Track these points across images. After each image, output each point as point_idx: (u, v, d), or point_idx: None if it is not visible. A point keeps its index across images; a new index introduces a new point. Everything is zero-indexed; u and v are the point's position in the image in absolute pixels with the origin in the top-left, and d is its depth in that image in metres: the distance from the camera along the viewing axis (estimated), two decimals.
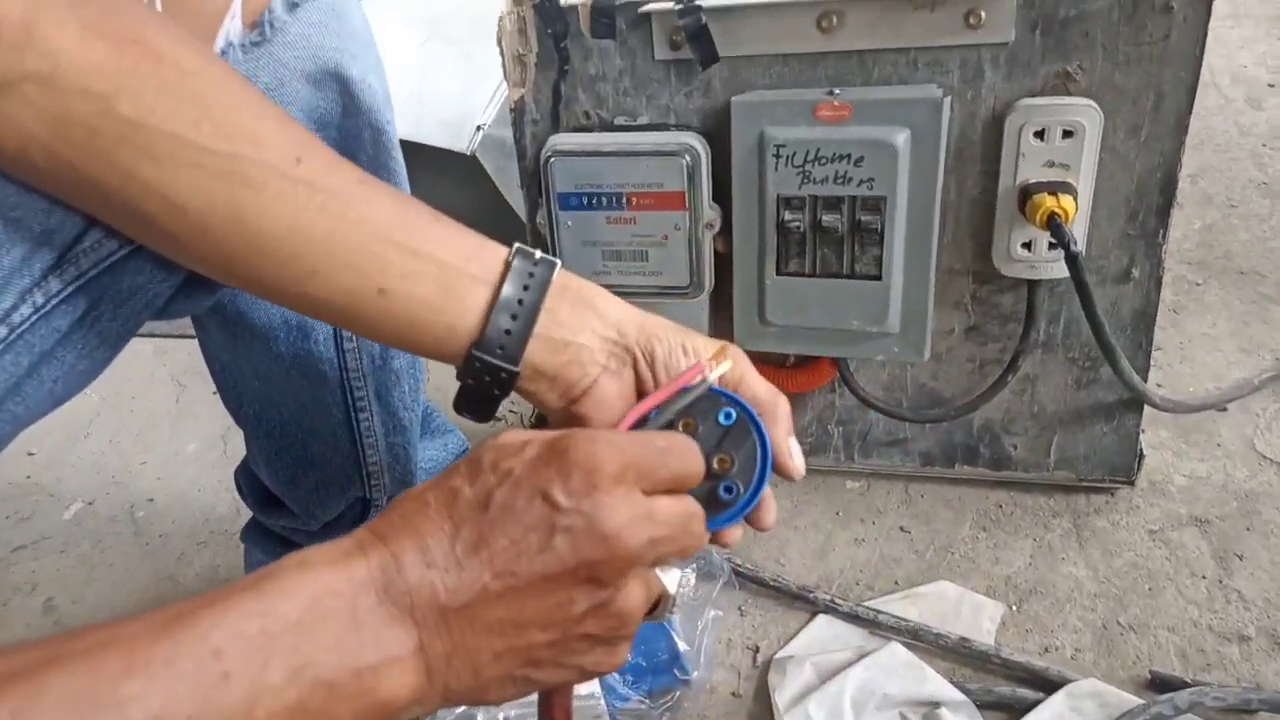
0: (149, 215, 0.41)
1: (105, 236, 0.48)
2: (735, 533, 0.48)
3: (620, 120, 0.85)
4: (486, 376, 0.45)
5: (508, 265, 0.45)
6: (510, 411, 1.16)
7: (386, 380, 0.68)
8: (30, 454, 1.23)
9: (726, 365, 0.47)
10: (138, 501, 1.13)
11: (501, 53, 0.86)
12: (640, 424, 0.45)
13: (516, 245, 0.47)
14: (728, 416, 0.46)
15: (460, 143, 1.20)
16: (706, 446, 0.45)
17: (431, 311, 0.44)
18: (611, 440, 0.39)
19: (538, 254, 0.46)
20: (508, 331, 0.44)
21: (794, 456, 0.48)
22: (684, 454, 0.41)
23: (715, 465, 0.46)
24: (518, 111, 0.88)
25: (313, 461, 0.69)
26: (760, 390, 0.48)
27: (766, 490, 0.48)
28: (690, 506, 0.41)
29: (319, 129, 0.54)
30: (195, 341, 0.73)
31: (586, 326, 0.46)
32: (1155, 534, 0.90)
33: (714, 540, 0.48)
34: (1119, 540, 0.90)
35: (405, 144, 1.19)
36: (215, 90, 0.43)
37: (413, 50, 1.28)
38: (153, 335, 1.40)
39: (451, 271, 0.44)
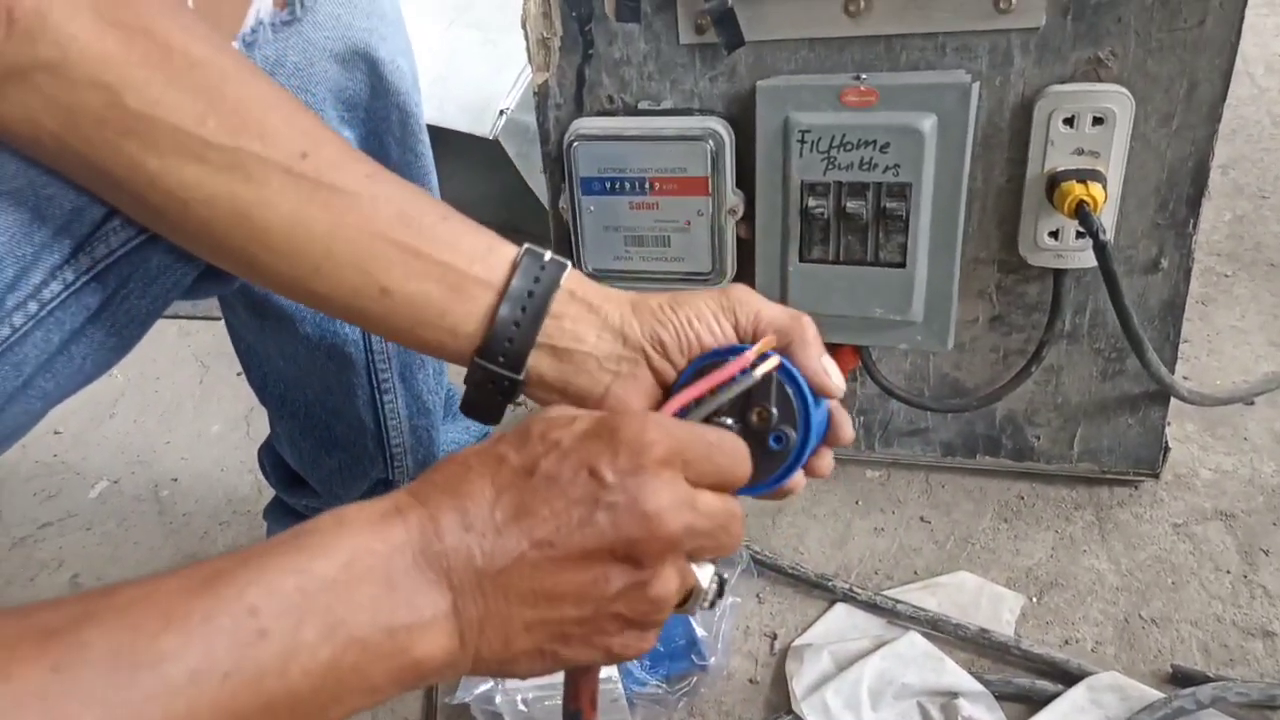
0: (156, 207, 0.42)
1: (131, 220, 0.48)
2: (800, 480, 0.48)
3: (644, 105, 0.85)
4: (490, 383, 0.44)
5: (514, 267, 0.44)
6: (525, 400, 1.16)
7: (412, 363, 0.68)
8: (57, 433, 1.25)
9: (773, 361, 0.45)
10: (162, 481, 1.15)
11: (526, 36, 0.85)
12: (680, 416, 0.44)
13: (526, 246, 0.46)
14: (745, 374, 0.45)
15: (483, 127, 1.20)
16: (738, 411, 0.45)
17: (435, 314, 0.44)
18: (662, 424, 0.38)
19: (547, 255, 0.45)
20: (510, 340, 0.44)
21: (831, 374, 0.47)
22: (733, 453, 0.41)
23: (755, 421, 0.45)
24: (541, 95, 0.87)
25: (336, 442, 0.69)
26: (779, 316, 0.47)
27: (824, 420, 0.48)
28: (733, 506, 0.40)
29: (347, 110, 0.54)
30: (219, 323, 0.74)
31: (591, 333, 0.45)
32: (1179, 528, 0.89)
33: (780, 494, 0.48)
34: (1142, 533, 0.90)
35: (428, 128, 1.19)
36: (224, 82, 0.43)
37: (437, 34, 1.28)
38: (177, 316, 1.41)
39: (455, 274, 0.43)
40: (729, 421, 0.45)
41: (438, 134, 1.20)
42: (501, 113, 1.20)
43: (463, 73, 1.25)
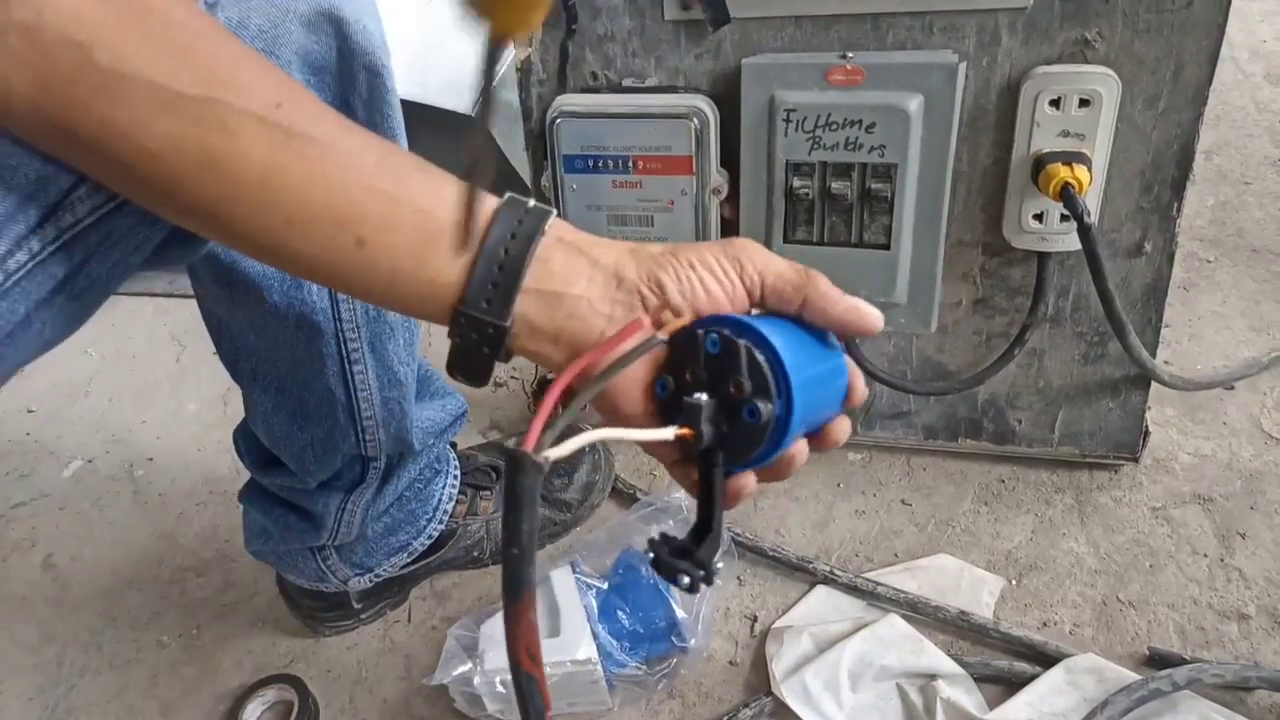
0: (126, 164, 0.40)
1: (98, 186, 0.47)
2: (801, 451, 0.45)
3: (628, 82, 0.83)
4: (474, 333, 0.42)
5: (496, 214, 0.42)
6: (512, 377, 1.15)
7: (381, 332, 0.67)
8: (30, 411, 1.23)
9: (683, 319, 0.43)
10: (137, 460, 1.13)
11: None
12: (582, 380, 0.41)
13: (508, 194, 0.44)
14: (713, 344, 0.42)
15: (465, 104, 1.19)
16: (711, 384, 0.42)
17: (413, 263, 0.42)
18: None
19: (530, 203, 0.43)
20: (494, 284, 0.42)
21: (862, 310, 0.45)
22: None
23: (732, 393, 0.42)
24: (524, 71, 0.86)
25: (308, 416, 0.68)
26: (786, 271, 0.44)
27: (848, 367, 0.46)
28: None
29: (314, 73, 0.53)
30: (211, 339, 0.72)
31: (582, 276, 0.43)
32: (1158, 511, 0.90)
33: (779, 470, 0.45)
34: (1121, 517, 0.90)
35: (410, 104, 1.17)
36: (199, 41, 0.41)
37: (419, 9, 1.26)
38: (154, 295, 1.39)
39: (434, 221, 0.41)
40: (701, 397, 0.42)
41: (419, 110, 1.18)
42: None
43: (445, 48, 1.23)
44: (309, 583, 0.83)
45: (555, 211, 0.44)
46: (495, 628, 0.78)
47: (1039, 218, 0.79)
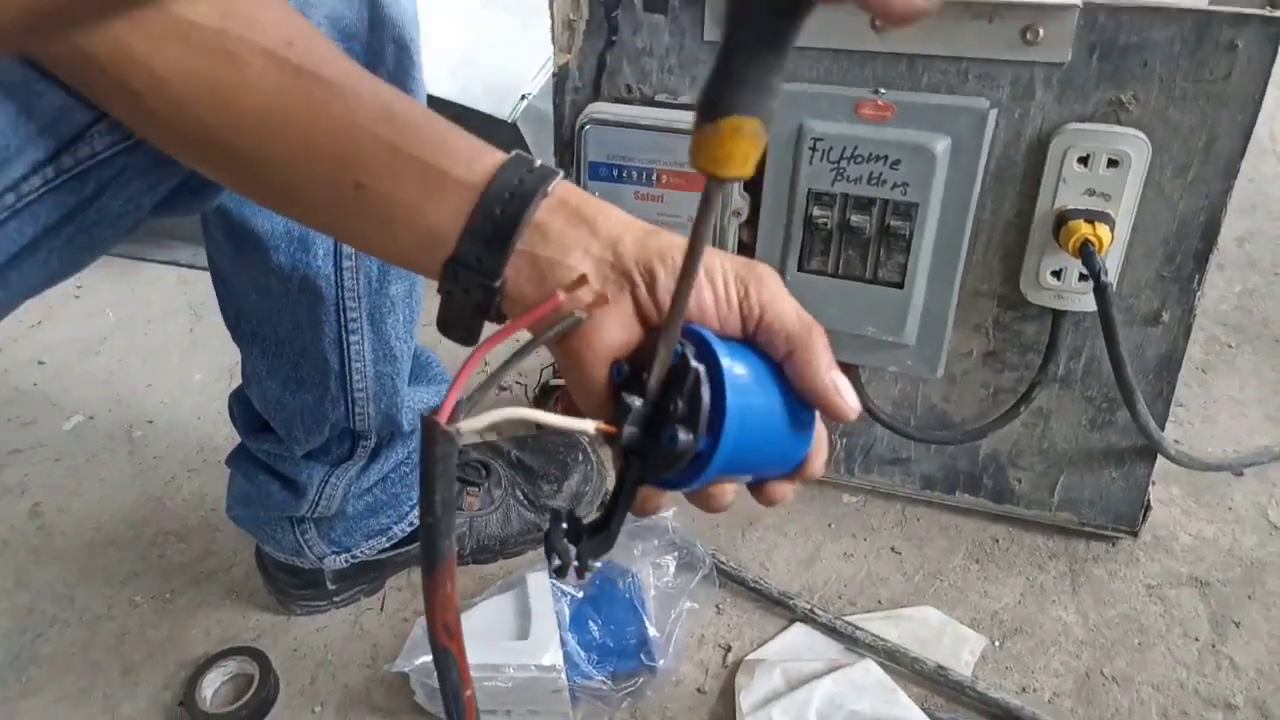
0: (136, 91, 0.41)
1: (116, 124, 0.47)
2: (724, 496, 0.43)
3: (661, 97, 0.84)
4: (464, 290, 0.41)
5: (499, 170, 0.41)
6: (517, 383, 1.15)
7: (382, 305, 0.67)
8: (41, 363, 1.24)
9: (598, 296, 0.41)
10: (137, 421, 1.14)
11: (552, 16, 0.85)
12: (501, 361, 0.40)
13: (515, 152, 0.43)
14: (676, 355, 0.40)
15: (503, 110, 1.20)
16: (660, 391, 0.40)
17: (410, 213, 0.41)
18: None
19: (538, 162, 0.42)
20: (486, 242, 0.41)
21: (842, 392, 0.41)
22: None
23: (670, 409, 0.40)
24: (560, 77, 0.87)
25: (302, 382, 0.68)
26: (789, 316, 0.42)
27: (815, 436, 0.43)
28: None
29: (343, 39, 0.54)
30: (217, 298, 0.73)
31: (579, 246, 0.41)
32: (1153, 589, 0.88)
33: (704, 502, 0.43)
34: (1114, 591, 0.88)
35: (449, 105, 1.19)
36: None
37: (469, 14, 1.28)
38: (178, 265, 1.41)
39: (435, 172, 0.41)
40: (637, 401, 0.40)
41: (459, 112, 1.20)
42: (523, 97, 1.20)
43: (490, 54, 1.25)
44: (285, 556, 0.82)
45: (562, 174, 0.43)
46: (467, 623, 0.77)
47: (1057, 274, 0.79)
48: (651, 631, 0.79)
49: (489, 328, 0.44)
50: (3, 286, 0.50)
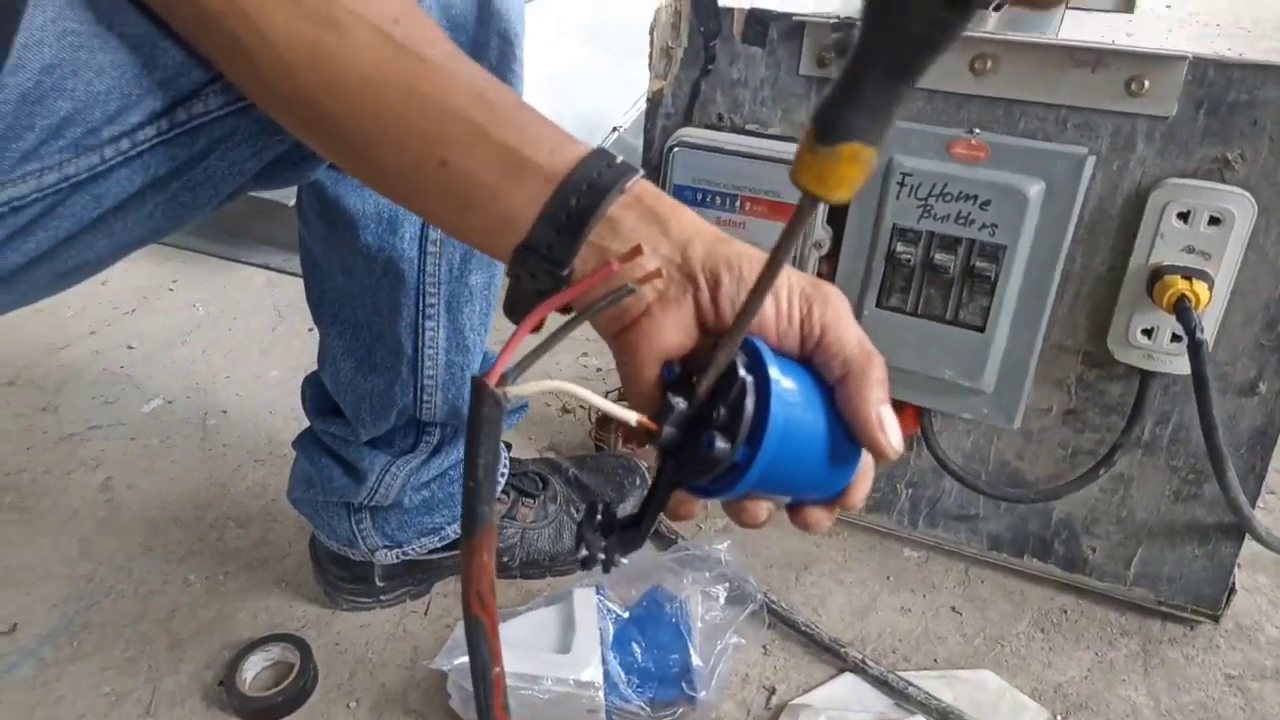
0: (246, 49, 0.43)
1: (230, 85, 0.49)
2: (758, 513, 0.43)
3: (752, 128, 0.85)
4: (532, 276, 0.42)
5: (580, 162, 0.42)
6: (580, 407, 1.15)
7: (460, 294, 0.68)
8: (130, 348, 1.29)
9: (651, 272, 0.40)
10: (212, 410, 1.17)
11: (651, 43, 0.87)
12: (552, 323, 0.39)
13: (598, 146, 0.44)
14: (732, 362, 0.39)
15: (594, 140, 1.22)
16: (708, 395, 0.40)
17: (488, 195, 0.42)
18: None
19: (619, 159, 0.43)
20: (558, 230, 0.41)
21: (886, 429, 0.40)
22: None
23: (711, 416, 0.40)
24: (654, 103, 0.88)
25: (375, 366, 0.69)
26: (850, 342, 0.41)
27: (860, 466, 0.42)
28: None
29: (451, 27, 0.55)
30: (303, 281, 0.75)
31: (648, 244, 0.41)
32: (1233, 680, 0.82)
33: (731, 514, 0.43)
34: (1190, 677, 0.82)
35: None
36: None
37: (571, 49, 1.32)
38: (267, 268, 1.46)
39: (518, 158, 0.41)
40: (681, 403, 0.40)
41: None
42: (614, 130, 1.22)
43: (586, 88, 1.29)
44: (338, 546, 0.83)
45: (642, 172, 0.43)
46: (509, 631, 0.76)
47: (1148, 333, 0.76)
48: (695, 661, 0.77)
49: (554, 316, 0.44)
50: (106, 235, 0.52)
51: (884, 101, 0.31)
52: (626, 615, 0.79)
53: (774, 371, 0.40)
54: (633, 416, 0.41)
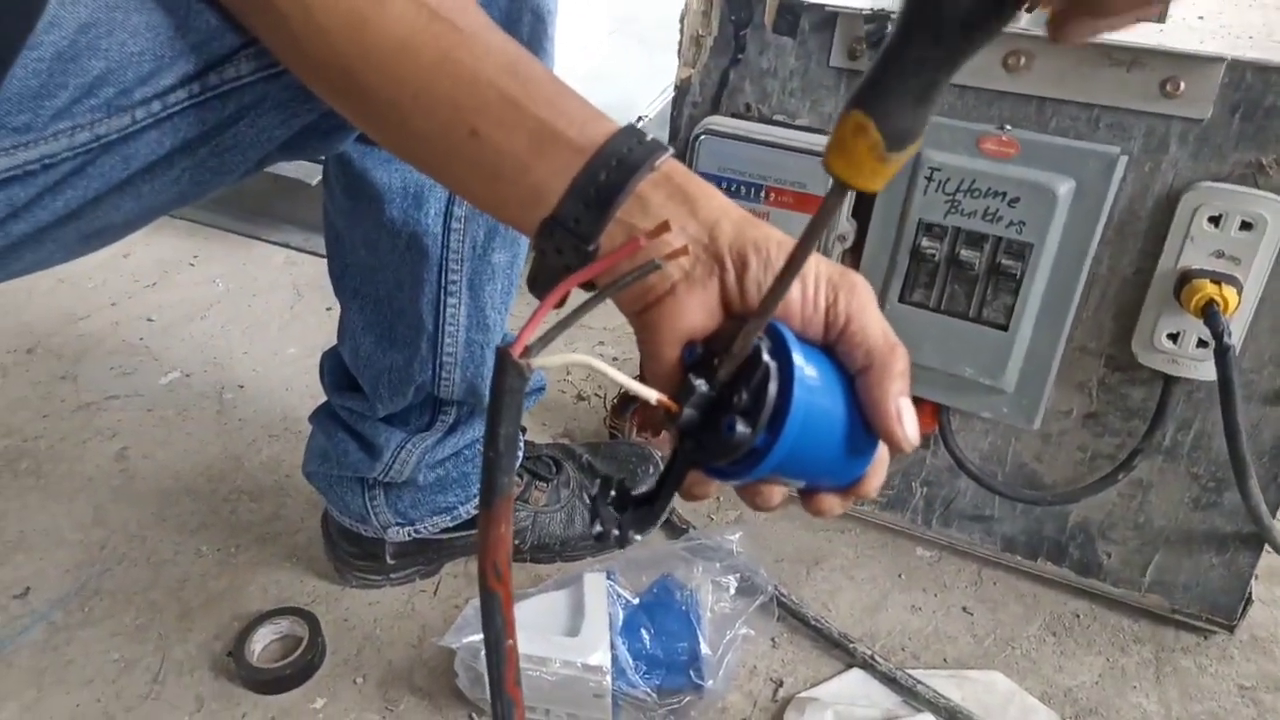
0: (282, 14, 0.43)
1: (263, 51, 0.49)
2: (772, 497, 0.42)
3: (779, 118, 0.84)
4: (558, 250, 0.41)
5: (611, 138, 0.41)
6: (596, 395, 1.15)
7: (483, 272, 0.68)
8: (150, 320, 1.29)
9: (678, 249, 0.40)
10: (229, 385, 1.17)
11: (681, 30, 0.86)
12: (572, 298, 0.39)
13: (630, 123, 0.43)
14: (752, 347, 0.39)
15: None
16: (729, 377, 0.40)
17: (518, 167, 0.42)
18: None
19: (649, 136, 0.42)
20: (586, 204, 0.40)
21: (903, 421, 0.40)
22: None
23: (732, 399, 0.39)
24: (681, 91, 0.88)
25: (395, 341, 0.69)
26: (874, 331, 0.41)
27: (876, 456, 0.42)
28: None
29: (485, 3, 0.55)
30: (324, 261, 0.75)
31: (676, 222, 0.40)
32: (1246, 691, 0.81)
33: (745, 497, 0.43)
34: (1203, 686, 0.82)
35: None
36: None
37: (600, 36, 1.32)
38: (288, 246, 1.47)
39: (549, 131, 0.41)
40: (702, 385, 0.40)
41: None
42: (640, 119, 1.22)
43: (613, 76, 1.28)
44: (350, 522, 0.83)
45: (672, 150, 0.43)
46: (518, 613, 0.76)
47: (1174, 338, 0.75)
48: (704, 650, 0.76)
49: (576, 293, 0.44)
50: (134, 197, 0.52)
51: (930, 91, 0.31)
52: (636, 602, 0.79)
53: (798, 358, 0.39)
54: (653, 395, 0.40)
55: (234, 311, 1.32)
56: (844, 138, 0.32)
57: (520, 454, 0.88)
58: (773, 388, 0.39)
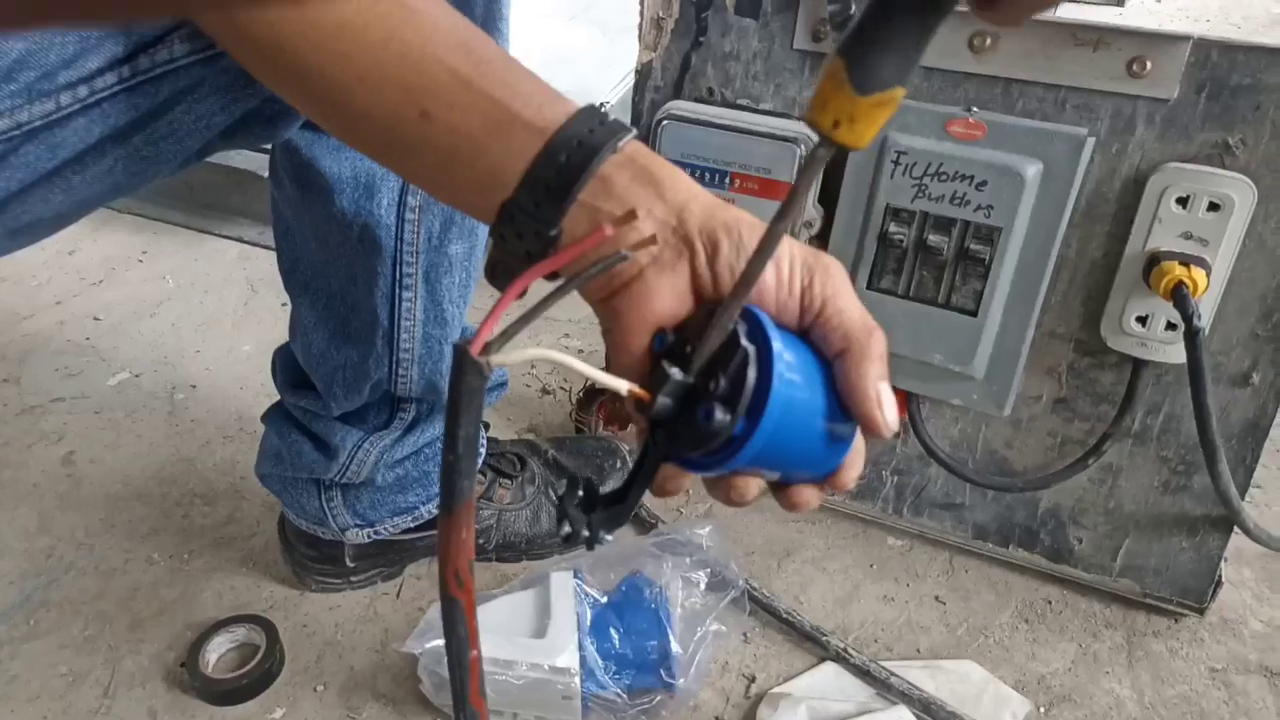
0: None
1: (198, 33, 0.47)
2: (748, 490, 0.41)
3: (743, 103, 0.82)
4: (518, 236, 0.39)
5: (570, 118, 0.39)
6: (561, 388, 1.12)
7: (439, 264, 0.65)
8: (97, 319, 1.25)
9: (646, 238, 0.38)
10: (180, 385, 1.13)
11: (641, 13, 0.84)
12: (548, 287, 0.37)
13: (589, 104, 0.41)
14: (732, 330, 0.38)
15: None
16: (704, 365, 0.38)
17: (473, 149, 0.39)
18: None
19: (611, 116, 0.40)
20: (547, 187, 0.38)
21: (883, 405, 0.39)
22: None
23: (709, 387, 0.38)
24: (642, 75, 0.86)
25: (349, 337, 0.67)
26: (852, 314, 0.39)
27: (853, 447, 0.41)
28: None
29: None
30: (275, 249, 0.72)
31: (642, 206, 0.39)
32: (1217, 673, 0.81)
33: (716, 493, 0.41)
34: (1174, 670, 0.82)
35: None
36: None
37: (560, 21, 1.29)
38: (241, 241, 1.42)
39: (504, 112, 0.39)
40: (677, 373, 0.38)
41: None
42: (601, 105, 1.19)
43: (573, 64, 1.26)
44: (308, 524, 0.80)
45: (635, 131, 0.41)
46: (484, 615, 0.74)
47: (1143, 320, 0.74)
48: (674, 648, 0.75)
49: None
50: (63, 189, 0.49)
51: (917, 42, 0.30)
52: (605, 600, 0.77)
53: (776, 342, 0.38)
54: (624, 385, 0.38)
55: (185, 308, 1.28)
56: (823, 87, 0.31)
57: (483, 452, 0.85)
58: (751, 372, 0.37)
